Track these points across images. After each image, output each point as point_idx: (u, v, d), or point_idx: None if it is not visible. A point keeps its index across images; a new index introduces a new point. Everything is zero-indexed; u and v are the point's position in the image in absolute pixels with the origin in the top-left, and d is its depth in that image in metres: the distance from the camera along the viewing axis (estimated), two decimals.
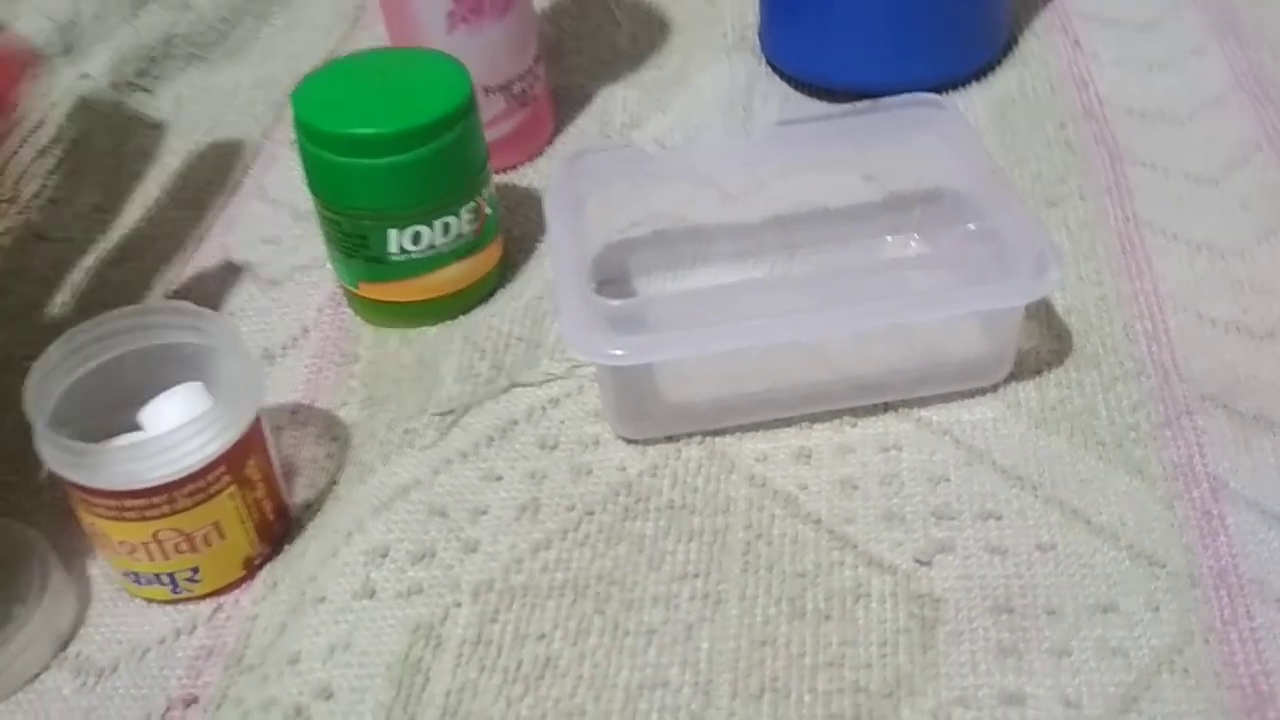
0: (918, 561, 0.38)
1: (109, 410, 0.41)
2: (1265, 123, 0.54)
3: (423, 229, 0.47)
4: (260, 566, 0.41)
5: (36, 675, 0.39)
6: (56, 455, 0.38)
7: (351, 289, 0.49)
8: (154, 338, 0.41)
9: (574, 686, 0.36)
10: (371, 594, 0.39)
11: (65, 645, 0.40)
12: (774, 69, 0.61)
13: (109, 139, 0.60)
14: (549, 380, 0.46)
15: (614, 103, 0.61)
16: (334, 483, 0.44)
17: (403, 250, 0.47)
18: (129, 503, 0.38)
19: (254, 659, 0.39)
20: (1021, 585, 0.37)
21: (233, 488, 0.39)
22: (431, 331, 0.49)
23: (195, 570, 0.40)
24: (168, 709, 0.38)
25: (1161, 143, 0.54)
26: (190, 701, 0.38)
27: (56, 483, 0.39)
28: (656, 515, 0.41)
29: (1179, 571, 0.37)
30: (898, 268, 0.43)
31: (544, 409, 0.45)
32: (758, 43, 0.63)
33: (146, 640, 0.40)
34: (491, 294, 0.50)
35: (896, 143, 0.48)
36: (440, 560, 0.40)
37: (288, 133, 0.59)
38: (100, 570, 0.42)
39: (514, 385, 0.45)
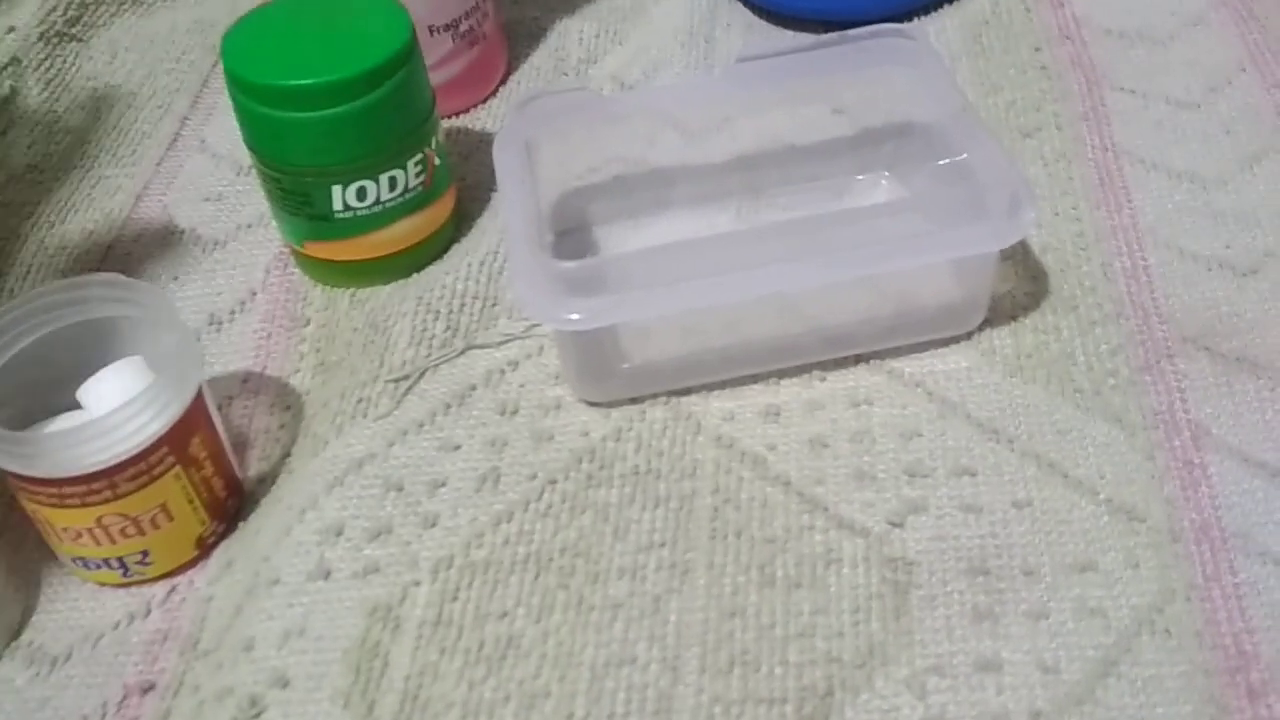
0: (890, 523, 0.37)
1: (45, 389, 0.39)
2: (1248, 42, 0.52)
3: (368, 184, 0.44)
4: (214, 545, 0.40)
5: None
6: None
7: (298, 248, 0.47)
8: (88, 312, 0.39)
9: (538, 666, 0.35)
10: (327, 575, 0.38)
11: (17, 634, 0.38)
12: None
13: (41, 95, 0.57)
14: (507, 341, 0.44)
15: (569, 37, 0.58)
16: (287, 455, 0.42)
17: (348, 207, 0.45)
18: (68, 489, 0.36)
19: (209, 644, 0.37)
20: (997, 545, 0.36)
21: (178, 468, 0.37)
22: (384, 291, 0.47)
23: (145, 553, 0.38)
24: (124, 697, 0.37)
25: (1141, 65, 0.52)
26: (147, 689, 0.37)
27: None
28: (621, 482, 0.39)
29: (1159, 526, 0.36)
30: (866, 215, 0.41)
31: (502, 372, 0.43)
32: None
33: (100, 626, 0.38)
34: (445, 249, 0.48)
35: (865, 76, 0.46)
36: (397, 537, 0.38)
37: None
38: (50, 554, 0.40)
39: (470, 347, 0.44)
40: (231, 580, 0.39)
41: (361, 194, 0.44)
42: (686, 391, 0.42)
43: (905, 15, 0.56)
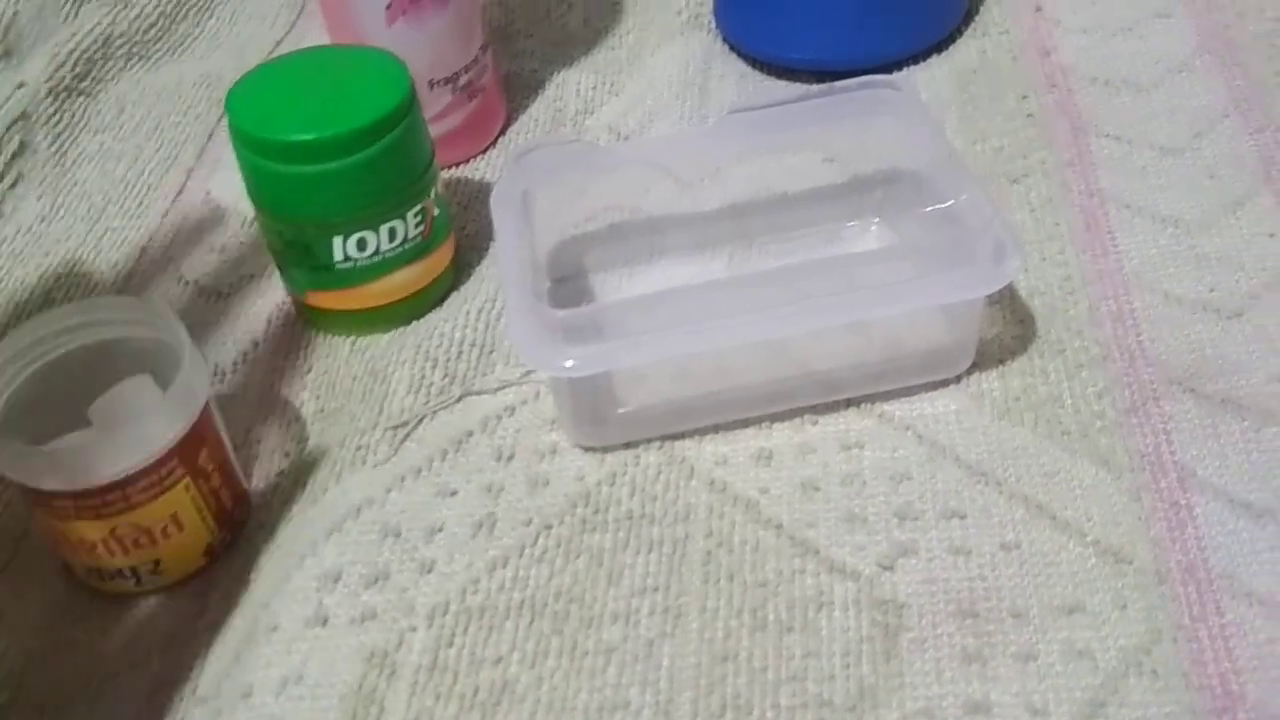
0: (880, 566, 0.38)
1: (57, 410, 0.40)
2: (1232, 88, 0.53)
3: (368, 235, 0.45)
4: (221, 554, 0.41)
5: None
6: (6, 460, 0.37)
7: (300, 298, 0.48)
8: (96, 334, 0.41)
9: (532, 712, 0.35)
10: (324, 621, 0.38)
11: (22, 682, 0.39)
12: (730, 47, 0.60)
13: (50, 148, 0.59)
14: (503, 388, 0.44)
15: (567, 89, 0.59)
16: (287, 502, 0.43)
17: (348, 258, 0.46)
18: (84, 502, 0.37)
19: (208, 691, 0.38)
20: (986, 588, 0.37)
21: (187, 479, 0.39)
22: (384, 339, 0.48)
23: (157, 563, 0.39)
24: None
25: (1126, 112, 0.53)
26: None
27: (11, 484, 0.38)
28: (615, 526, 0.40)
29: (1146, 567, 0.37)
30: (854, 261, 0.42)
31: (499, 418, 0.44)
32: (712, 20, 0.61)
33: (99, 675, 0.39)
34: (444, 297, 0.49)
35: (854, 126, 0.46)
36: (394, 583, 0.39)
37: None
38: (52, 599, 0.41)
39: (467, 394, 0.44)
40: (231, 628, 0.39)
41: (362, 245, 0.45)
42: (680, 436, 0.42)
43: (896, 65, 0.57)
